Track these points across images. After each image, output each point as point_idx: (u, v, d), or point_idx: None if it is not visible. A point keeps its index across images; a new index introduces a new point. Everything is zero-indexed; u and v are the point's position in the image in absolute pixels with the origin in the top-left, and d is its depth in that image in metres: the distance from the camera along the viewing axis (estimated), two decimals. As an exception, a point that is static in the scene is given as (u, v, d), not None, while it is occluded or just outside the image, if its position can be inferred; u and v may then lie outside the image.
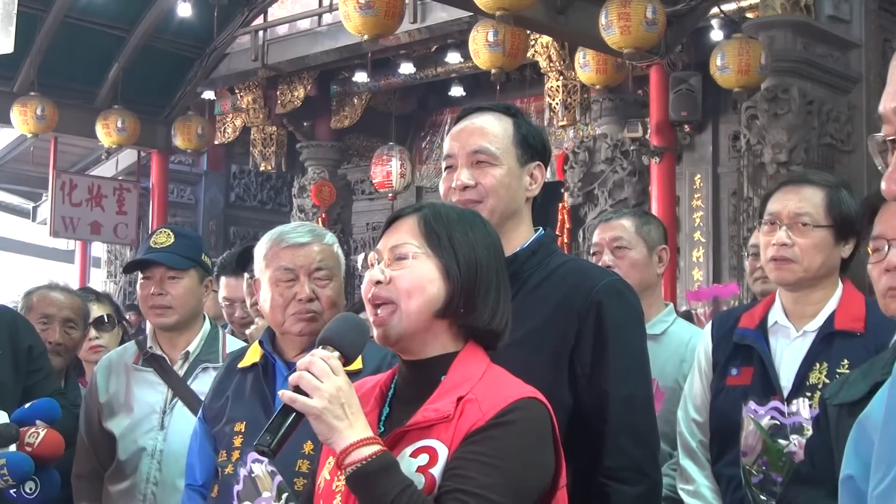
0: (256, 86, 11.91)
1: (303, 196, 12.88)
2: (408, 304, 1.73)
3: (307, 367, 1.65)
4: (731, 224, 10.12)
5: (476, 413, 1.66)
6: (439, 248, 1.77)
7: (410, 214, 1.82)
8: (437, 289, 1.75)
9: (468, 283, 1.76)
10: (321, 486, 1.78)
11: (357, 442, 1.61)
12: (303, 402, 1.63)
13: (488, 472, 1.60)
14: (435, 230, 1.78)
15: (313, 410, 1.62)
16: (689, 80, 8.78)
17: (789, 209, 2.53)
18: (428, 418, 1.68)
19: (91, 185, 11.53)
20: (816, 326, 2.52)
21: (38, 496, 2.62)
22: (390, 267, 1.77)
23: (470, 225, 1.82)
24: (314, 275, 2.48)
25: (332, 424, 1.62)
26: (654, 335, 3.10)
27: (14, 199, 16.09)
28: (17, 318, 3.15)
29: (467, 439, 1.64)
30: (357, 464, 1.60)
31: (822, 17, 7.99)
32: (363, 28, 7.21)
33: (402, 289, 1.74)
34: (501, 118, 2.18)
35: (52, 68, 10.06)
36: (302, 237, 2.50)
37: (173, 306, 3.08)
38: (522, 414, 1.66)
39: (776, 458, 2.28)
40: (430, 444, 1.66)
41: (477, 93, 11.65)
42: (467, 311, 1.77)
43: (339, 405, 1.63)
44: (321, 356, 1.67)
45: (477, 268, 1.78)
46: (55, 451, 2.64)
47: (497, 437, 1.63)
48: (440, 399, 1.70)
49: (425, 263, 1.76)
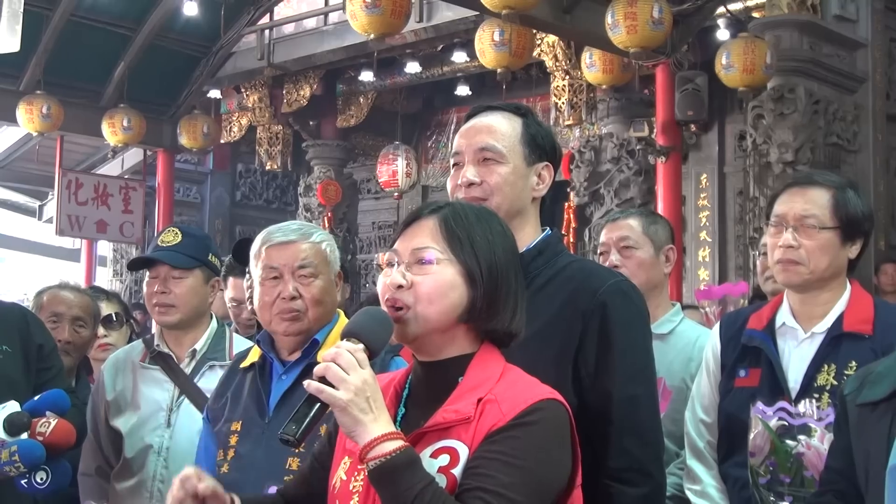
0: (262, 85, 11.91)
1: (308, 195, 12.89)
2: (427, 309, 1.73)
3: (333, 359, 1.63)
4: (737, 223, 10.11)
5: (496, 413, 1.66)
6: (461, 254, 1.76)
7: (430, 215, 1.80)
8: (459, 295, 1.74)
9: (490, 288, 1.76)
10: (336, 486, 1.77)
11: (381, 436, 1.60)
12: (329, 393, 1.61)
13: (509, 472, 1.60)
14: (457, 234, 1.77)
15: (339, 402, 1.60)
16: (696, 80, 8.77)
17: (795, 211, 2.53)
18: (448, 419, 1.68)
19: (97, 184, 11.56)
20: (825, 328, 2.51)
21: (49, 486, 2.63)
22: (411, 270, 1.75)
23: (489, 226, 1.81)
24: (297, 273, 2.48)
25: (357, 417, 1.61)
26: (661, 335, 3.10)
27: (20, 198, 16.10)
28: (28, 316, 3.16)
29: (488, 439, 1.64)
30: (381, 458, 1.58)
31: (829, 17, 7.98)
32: (369, 27, 7.21)
33: (424, 294, 1.73)
34: (511, 117, 2.18)
35: (58, 67, 10.07)
36: (286, 236, 2.50)
37: (176, 305, 3.09)
38: (544, 414, 1.66)
39: (784, 459, 2.27)
40: (451, 445, 1.66)
41: (483, 92, 11.66)
42: (490, 315, 1.76)
43: (364, 398, 1.61)
44: (348, 348, 1.65)
45: (498, 272, 1.77)
46: (67, 440, 2.65)
47: (518, 436, 1.63)
48: (459, 400, 1.70)
49: (447, 269, 1.75)
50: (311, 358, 2.49)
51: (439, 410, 1.70)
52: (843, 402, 2.01)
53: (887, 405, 1.85)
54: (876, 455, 1.85)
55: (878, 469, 1.83)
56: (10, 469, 2.57)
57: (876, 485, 1.84)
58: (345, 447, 1.79)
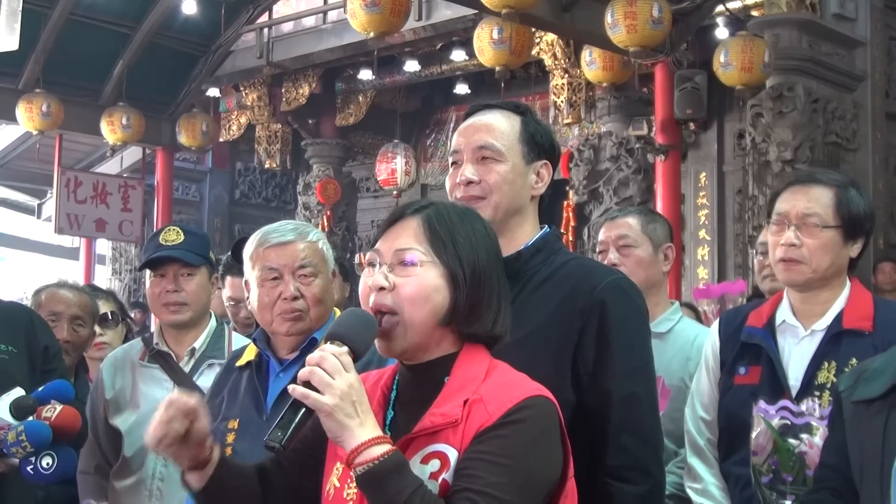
0: (261, 83, 11.91)
1: (308, 193, 12.89)
2: (412, 313, 1.70)
3: (318, 363, 1.60)
4: (736, 222, 10.12)
5: (483, 414, 1.64)
6: (444, 255, 1.73)
7: (412, 215, 1.78)
8: (443, 297, 1.72)
9: (472, 291, 1.74)
10: (330, 493, 1.75)
11: (368, 441, 1.57)
12: (315, 399, 1.58)
13: (497, 471, 1.59)
14: (440, 235, 1.75)
15: (325, 407, 1.58)
16: (695, 78, 8.78)
17: (798, 209, 2.52)
18: (435, 423, 1.66)
19: (96, 183, 11.56)
20: (825, 326, 2.50)
21: (55, 472, 2.62)
22: (393, 272, 1.73)
23: (472, 227, 1.79)
24: (298, 273, 2.48)
25: (343, 422, 1.58)
26: (659, 333, 3.10)
27: (19, 196, 16.10)
28: (34, 318, 3.14)
29: (476, 439, 1.62)
30: (368, 463, 1.56)
31: (828, 15, 7.98)
32: (368, 26, 7.21)
33: (407, 297, 1.71)
34: (509, 116, 2.18)
35: (58, 65, 10.07)
36: (284, 236, 2.50)
37: (188, 303, 3.10)
38: (531, 412, 1.65)
39: (786, 457, 2.27)
40: (440, 449, 1.64)
41: (482, 90, 11.66)
42: (472, 319, 1.74)
43: (350, 403, 1.59)
44: (332, 352, 1.62)
45: (481, 274, 1.75)
46: (73, 424, 2.65)
47: (505, 435, 1.62)
48: (445, 402, 1.68)
49: (430, 271, 1.72)
50: (308, 356, 2.50)
51: (426, 415, 1.68)
52: (838, 399, 2.00)
53: (883, 402, 1.85)
54: (871, 452, 1.84)
55: (872, 465, 1.83)
56: (17, 451, 2.56)
57: (871, 481, 1.84)
58: (336, 453, 1.75)
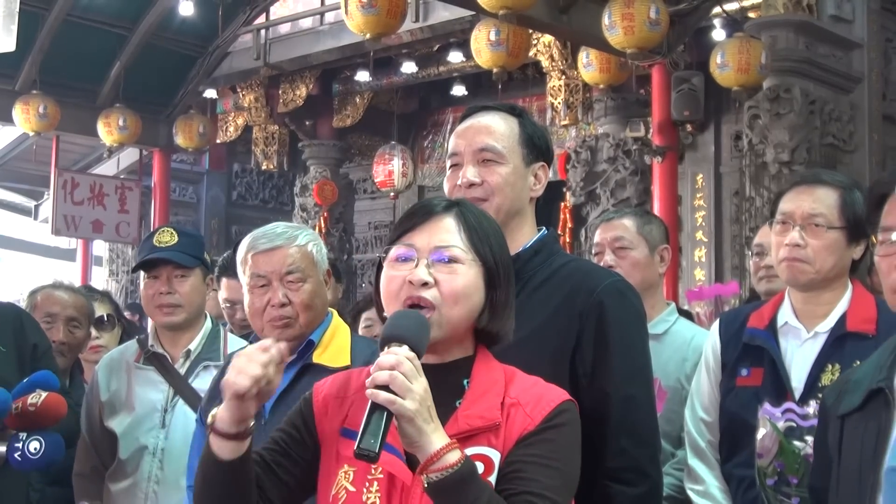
0: (258, 84, 11.90)
1: (305, 195, 12.87)
2: (451, 310, 1.69)
3: (394, 367, 1.54)
4: (734, 224, 10.11)
5: (524, 417, 1.65)
6: (482, 254, 1.74)
7: (445, 211, 1.76)
8: (480, 296, 1.73)
9: (505, 290, 1.76)
10: (341, 496, 1.68)
11: (445, 447, 1.54)
12: (400, 404, 1.52)
13: (550, 474, 1.61)
14: (478, 233, 1.75)
15: (408, 413, 1.52)
16: (692, 80, 8.77)
17: (803, 209, 2.51)
18: (474, 426, 1.65)
19: (93, 184, 11.54)
20: (828, 328, 2.49)
21: (42, 457, 2.62)
22: (433, 268, 1.70)
23: (493, 227, 1.81)
24: (286, 279, 2.48)
25: (422, 428, 1.54)
26: (656, 335, 3.09)
27: (16, 198, 16.08)
28: (22, 316, 3.15)
29: (521, 443, 1.63)
30: (445, 470, 1.53)
31: (825, 17, 7.98)
32: (365, 27, 7.20)
33: (451, 294, 1.69)
34: (507, 117, 2.18)
35: (54, 67, 10.06)
36: (272, 242, 2.49)
37: (182, 304, 3.10)
38: (569, 416, 1.69)
39: (792, 460, 2.27)
40: (483, 452, 1.63)
41: (479, 92, 11.65)
42: (496, 317, 1.76)
43: (426, 408, 1.55)
44: (406, 356, 1.56)
45: (511, 274, 1.78)
46: (58, 411, 2.67)
47: (552, 439, 1.64)
48: (473, 405, 1.67)
49: (472, 269, 1.72)
50: (305, 359, 2.49)
51: (460, 417, 1.66)
52: (825, 416, 1.97)
53: (860, 414, 1.82)
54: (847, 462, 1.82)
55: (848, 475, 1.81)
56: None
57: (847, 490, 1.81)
58: (338, 453, 1.71)
